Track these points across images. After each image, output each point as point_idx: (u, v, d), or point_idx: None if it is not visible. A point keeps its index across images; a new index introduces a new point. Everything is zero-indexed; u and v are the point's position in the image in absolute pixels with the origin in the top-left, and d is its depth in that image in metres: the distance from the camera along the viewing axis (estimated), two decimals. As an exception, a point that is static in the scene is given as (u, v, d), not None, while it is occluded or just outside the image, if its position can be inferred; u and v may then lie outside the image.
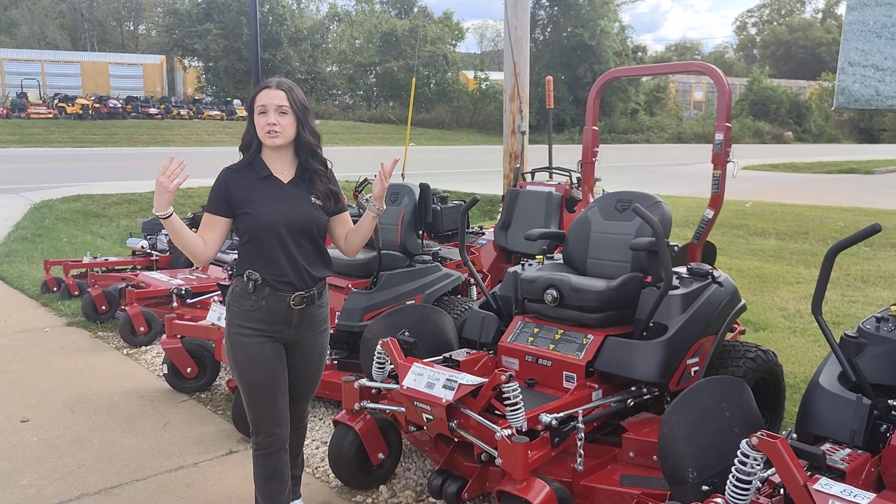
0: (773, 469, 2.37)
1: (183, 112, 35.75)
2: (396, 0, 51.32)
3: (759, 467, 2.33)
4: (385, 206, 2.94)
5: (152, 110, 34.56)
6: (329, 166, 2.91)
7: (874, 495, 2.14)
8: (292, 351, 2.85)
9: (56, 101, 32.98)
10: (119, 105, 33.70)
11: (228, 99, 39.43)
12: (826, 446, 2.62)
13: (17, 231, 10.32)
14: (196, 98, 40.92)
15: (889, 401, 2.70)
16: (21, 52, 40.96)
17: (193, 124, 33.99)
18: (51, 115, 31.85)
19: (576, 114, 42.91)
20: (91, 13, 50.36)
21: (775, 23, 78.47)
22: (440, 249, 5.44)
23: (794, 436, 2.70)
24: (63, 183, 15.26)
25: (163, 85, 42.94)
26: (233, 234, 2.85)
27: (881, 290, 7.22)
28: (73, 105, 32.56)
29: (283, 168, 2.81)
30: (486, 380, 3.02)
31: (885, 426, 2.67)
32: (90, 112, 32.45)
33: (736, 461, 2.35)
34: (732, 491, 2.35)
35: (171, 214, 2.59)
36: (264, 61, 32.36)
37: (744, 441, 2.34)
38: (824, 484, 2.20)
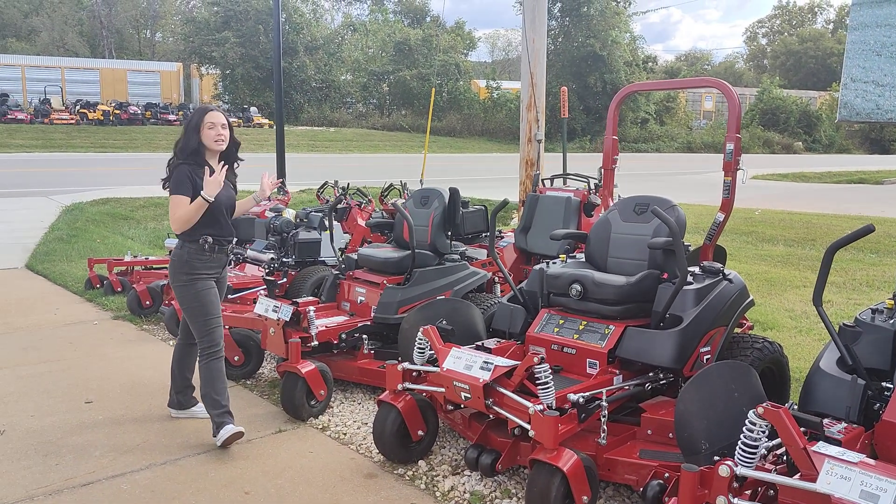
0: (778, 440, 2.71)
1: (201, 118, 36.34)
2: (409, 10, 51.91)
3: (764, 434, 2.67)
4: (262, 201, 4.37)
5: (171, 116, 35.19)
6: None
7: (864, 455, 2.46)
8: (217, 284, 4.07)
9: (78, 108, 33.66)
10: (139, 111, 34.35)
11: (245, 106, 40.05)
12: (825, 421, 2.95)
13: (53, 232, 10.77)
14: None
15: (882, 383, 3.03)
16: (42, 58, 41.80)
17: (211, 131, 34.51)
18: (73, 121, 32.52)
19: (586, 123, 43.29)
20: (109, 21, 51.18)
21: (786, 33, 78.66)
22: (466, 250, 5.80)
23: (795, 407, 3.04)
24: (88, 187, 15.74)
25: (179, 92, 43.62)
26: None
27: (884, 294, 7.52)
28: (94, 111, 33.24)
29: (216, 166, 3.98)
30: (520, 362, 3.37)
31: (878, 405, 3.00)
32: (111, 118, 33.10)
33: (744, 429, 2.69)
34: (741, 455, 2.68)
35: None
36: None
37: (751, 411, 2.68)
38: (822, 446, 2.53)
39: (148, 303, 6.50)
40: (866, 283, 8.05)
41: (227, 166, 3.98)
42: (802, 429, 2.64)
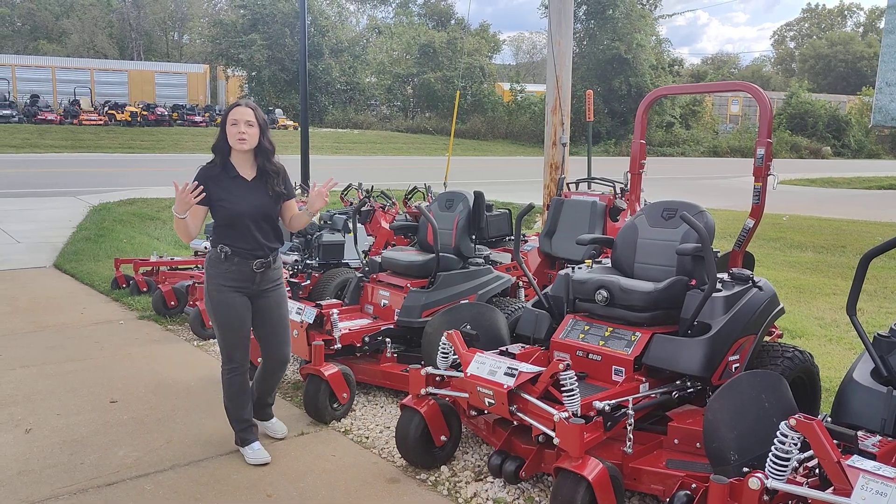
0: (810, 452, 2.64)
1: (226, 120, 36.78)
2: (434, 12, 52.01)
3: (796, 447, 2.60)
4: (313, 217, 3.93)
5: (197, 118, 35.59)
6: (282, 168, 3.79)
7: (901, 470, 2.39)
8: (257, 300, 3.75)
9: (106, 109, 34.17)
10: (166, 113, 34.79)
11: (270, 108, 40.34)
12: (859, 434, 2.87)
13: (80, 232, 10.91)
14: (238, 107, 41.98)
15: (919, 395, 2.94)
16: (72, 60, 42.52)
17: (236, 132, 34.93)
18: (101, 122, 33.03)
19: (611, 126, 43.03)
20: (138, 23, 51.95)
21: (815, 36, 77.68)
22: (490, 253, 5.76)
23: (829, 419, 2.96)
24: (116, 187, 15.95)
25: (205, 93, 44.07)
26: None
27: (918, 302, 7.36)
28: (122, 112, 33.74)
29: (247, 169, 3.69)
30: (545, 368, 3.33)
31: (914, 418, 2.91)
32: (138, 119, 33.56)
33: (775, 441, 2.62)
34: (771, 468, 2.62)
35: (186, 216, 3.54)
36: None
37: (783, 422, 2.61)
38: (856, 460, 2.46)
39: (173, 303, 6.55)
40: (898, 291, 7.89)
41: (200, 186, 3.47)
42: (836, 441, 2.58)
